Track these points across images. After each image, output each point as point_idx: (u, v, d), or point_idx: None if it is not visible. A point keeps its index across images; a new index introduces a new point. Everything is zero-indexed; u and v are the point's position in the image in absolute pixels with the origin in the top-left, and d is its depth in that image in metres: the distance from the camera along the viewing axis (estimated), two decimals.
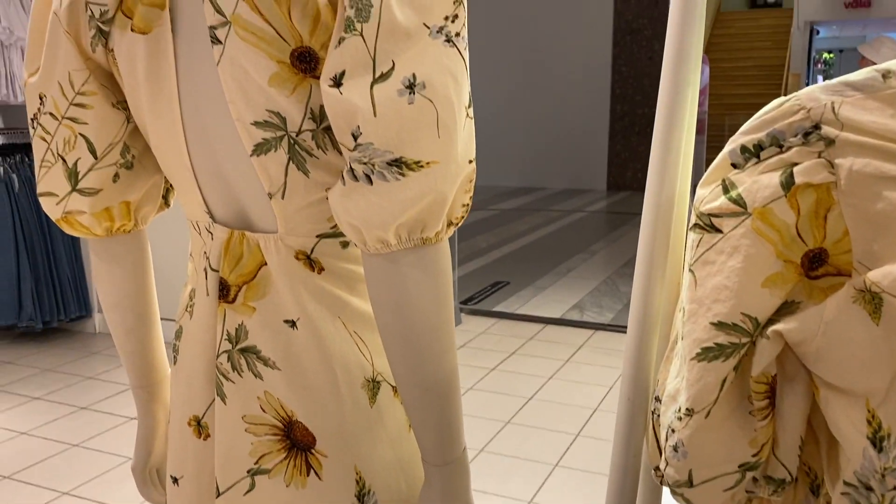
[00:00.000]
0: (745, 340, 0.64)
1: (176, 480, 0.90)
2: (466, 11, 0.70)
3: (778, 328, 0.63)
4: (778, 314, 0.64)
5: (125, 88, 0.82)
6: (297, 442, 0.80)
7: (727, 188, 0.64)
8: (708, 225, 0.65)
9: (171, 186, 0.96)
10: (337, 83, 0.66)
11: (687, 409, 0.66)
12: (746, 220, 0.62)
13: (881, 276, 0.58)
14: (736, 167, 0.65)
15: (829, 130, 0.61)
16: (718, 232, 0.64)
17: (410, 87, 0.66)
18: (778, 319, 0.63)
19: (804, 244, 0.62)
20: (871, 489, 0.62)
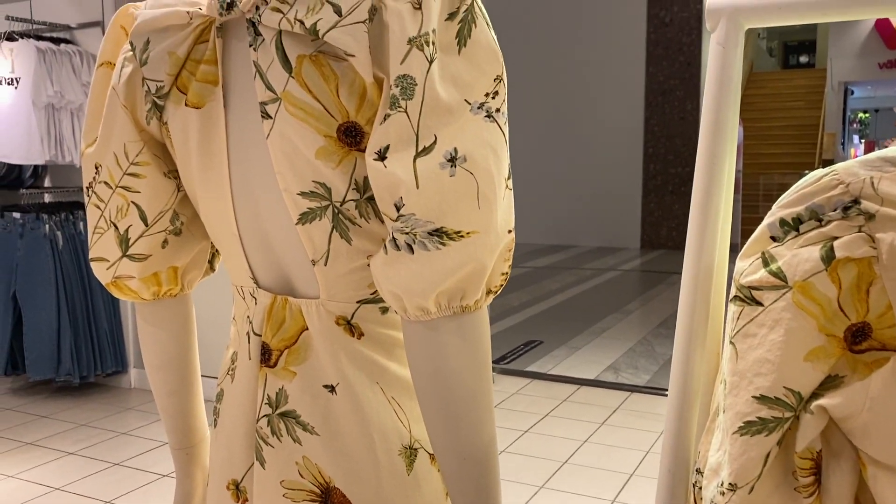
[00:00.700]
0: (788, 415, 0.63)
1: None
2: (506, 88, 0.73)
3: (822, 403, 0.62)
4: (822, 388, 0.63)
5: (177, 159, 0.85)
6: None
7: (767, 261, 0.64)
8: (748, 297, 0.65)
9: (216, 252, 0.99)
10: (381, 157, 0.68)
11: (730, 483, 0.65)
12: (787, 293, 0.62)
13: None
14: (775, 240, 0.65)
15: (868, 205, 0.61)
16: (759, 305, 0.64)
17: (452, 160, 0.68)
18: (822, 394, 0.63)
19: (847, 318, 0.61)
20: None
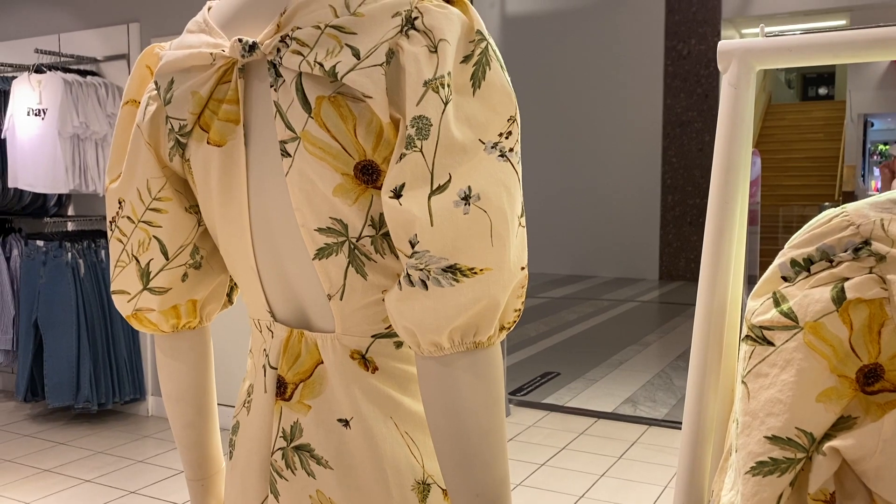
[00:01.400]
0: (800, 455, 0.63)
1: None
2: (520, 128, 0.74)
3: (835, 444, 0.62)
4: (834, 429, 0.63)
5: (198, 195, 0.87)
6: None
7: (778, 301, 0.65)
8: (760, 337, 0.65)
9: (235, 285, 1.00)
10: (397, 194, 0.70)
11: None
12: (798, 333, 0.63)
13: None
14: (786, 280, 0.66)
15: (879, 247, 0.61)
16: (770, 345, 0.64)
17: (466, 198, 0.70)
18: (834, 435, 0.63)
19: (858, 359, 0.62)
20: None
